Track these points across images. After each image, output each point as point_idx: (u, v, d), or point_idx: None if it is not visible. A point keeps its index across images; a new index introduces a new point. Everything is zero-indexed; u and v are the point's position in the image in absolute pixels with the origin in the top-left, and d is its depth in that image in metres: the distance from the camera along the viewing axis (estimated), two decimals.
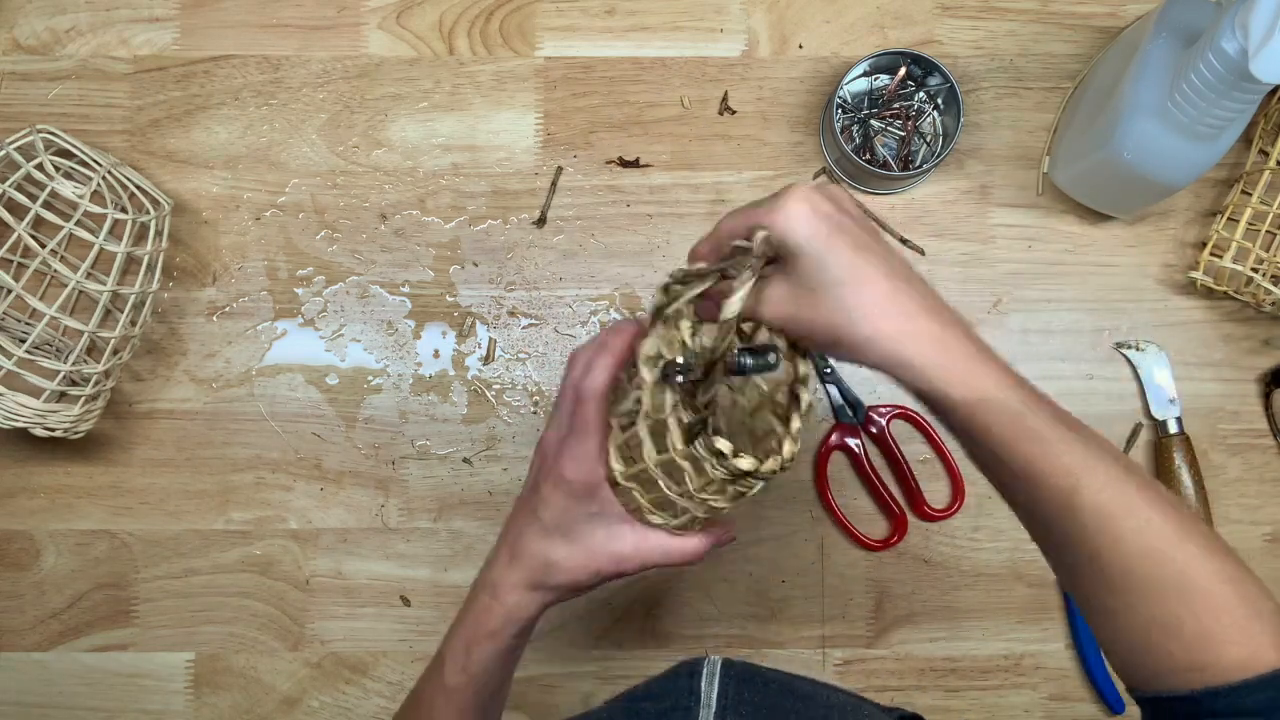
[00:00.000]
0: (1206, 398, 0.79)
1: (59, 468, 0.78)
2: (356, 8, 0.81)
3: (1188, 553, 0.44)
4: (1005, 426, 0.45)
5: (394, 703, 0.77)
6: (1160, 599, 0.44)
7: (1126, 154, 0.68)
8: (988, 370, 0.46)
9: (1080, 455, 0.45)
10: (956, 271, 0.79)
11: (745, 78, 0.80)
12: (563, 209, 0.80)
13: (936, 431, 0.78)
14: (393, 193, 0.80)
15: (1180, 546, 0.44)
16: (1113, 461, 0.45)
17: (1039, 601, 0.78)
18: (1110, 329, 0.79)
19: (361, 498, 0.78)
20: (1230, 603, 0.43)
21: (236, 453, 0.78)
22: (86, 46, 0.80)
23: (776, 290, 0.47)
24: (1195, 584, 0.44)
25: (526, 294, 0.79)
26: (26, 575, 0.78)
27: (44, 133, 0.70)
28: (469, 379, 0.79)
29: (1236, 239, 0.74)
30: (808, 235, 0.45)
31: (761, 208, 0.47)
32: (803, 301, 0.47)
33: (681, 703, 0.58)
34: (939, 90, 0.78)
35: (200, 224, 0.79)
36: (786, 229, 0.46)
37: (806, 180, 0.79)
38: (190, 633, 0.78)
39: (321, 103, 0.80)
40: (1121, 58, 0.72)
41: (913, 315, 0.46)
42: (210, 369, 0.79)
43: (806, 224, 0.46)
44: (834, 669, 0.78)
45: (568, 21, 0.81)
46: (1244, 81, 0.60)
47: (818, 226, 0.46)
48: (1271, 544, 0.78)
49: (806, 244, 0.46)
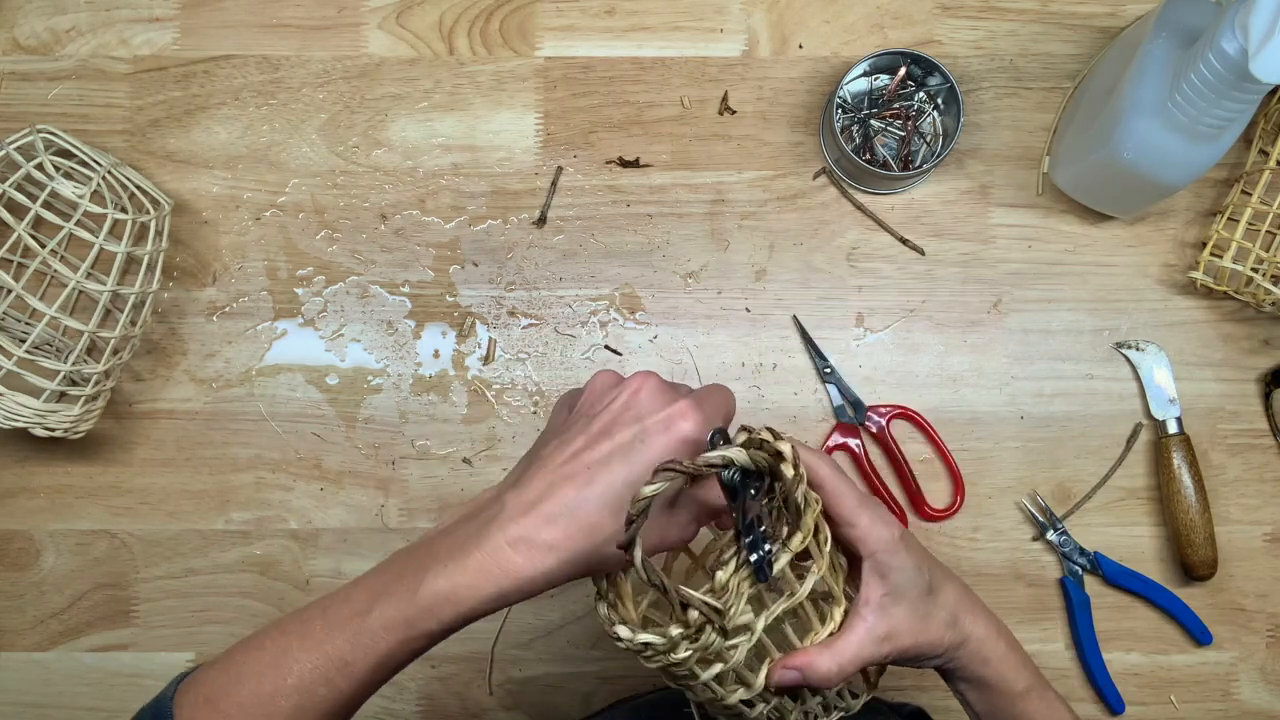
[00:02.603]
0: (1206, 398, 0.79)
1: (59, 468, 0.78)
2: (356, 8, 0.81)
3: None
4: (1040, 708, 0.56)
5: (394, 703, 0.77)
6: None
7: (1126, 154, 0.68)
8: (1027, 661, 0.56)
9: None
10: (956, 271, 0.79)
11: (745, 78, 0.80)
12: (563, 209, 0.80)
13: (936, 432, 0.78)
14: (393, 193, 0.80)
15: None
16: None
17: (1039, 601, 0.78)
18: (1110, 329, 0.79)
19: (361, 498, 0.78)
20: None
21: (236, 453, 0.78)
22: (86, 46, 0.80)
23: (892, 622, 0.52)
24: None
25: (526, 294, 0.79)
26: (26, 575, 0.78)
27: (44, 133, 0.70)
28: (469, 379, 0.79)
29: (1236, 239, 0.74)
30: (894, 544, 0.52)
31: (860, 514, 0.52)
32: (916, 616, 0.52)
33: None
34: (939, 90, 0.78)
35: (200, 224, 0.79)
36: (896, 545, 0.52)
37: (806, 177, 0.80)
38: (190, 633, 0.78)
39: (321, 103, 0.80)
40: (1121, 58, 0.72)
41: (982, 614, 0.55)
42: (210, 369, 0.79)
43: (890, 534, 0.52)
44: None
45: (568, 21, 0.81)
46: (1244, 81, 0.60)
47: (897, 535, 0.52)
48: (1271, 544, 0.78)
49: (893, 556, 0.51)
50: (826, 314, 0.79)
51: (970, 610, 0.54)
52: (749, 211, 0.79)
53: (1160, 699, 0.78)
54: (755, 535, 0.45)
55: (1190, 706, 0.78)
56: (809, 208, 0.80)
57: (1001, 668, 0.54)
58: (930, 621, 0.52)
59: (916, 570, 0.52)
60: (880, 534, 0.51)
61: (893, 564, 0.51)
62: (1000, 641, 0.55)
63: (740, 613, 0.46)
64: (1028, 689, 0.55)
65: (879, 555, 0.51)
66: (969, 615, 0.54)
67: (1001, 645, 0.55)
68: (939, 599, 0.53)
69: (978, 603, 0.56)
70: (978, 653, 0.54)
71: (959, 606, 0.54)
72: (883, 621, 0.51)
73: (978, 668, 0.54)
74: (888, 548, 0.51)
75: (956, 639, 0.53)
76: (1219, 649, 0.78)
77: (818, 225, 0.79)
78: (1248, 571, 0.78)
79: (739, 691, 0.50)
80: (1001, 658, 0.54)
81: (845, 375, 0.79)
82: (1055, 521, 0.77)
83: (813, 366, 0.79)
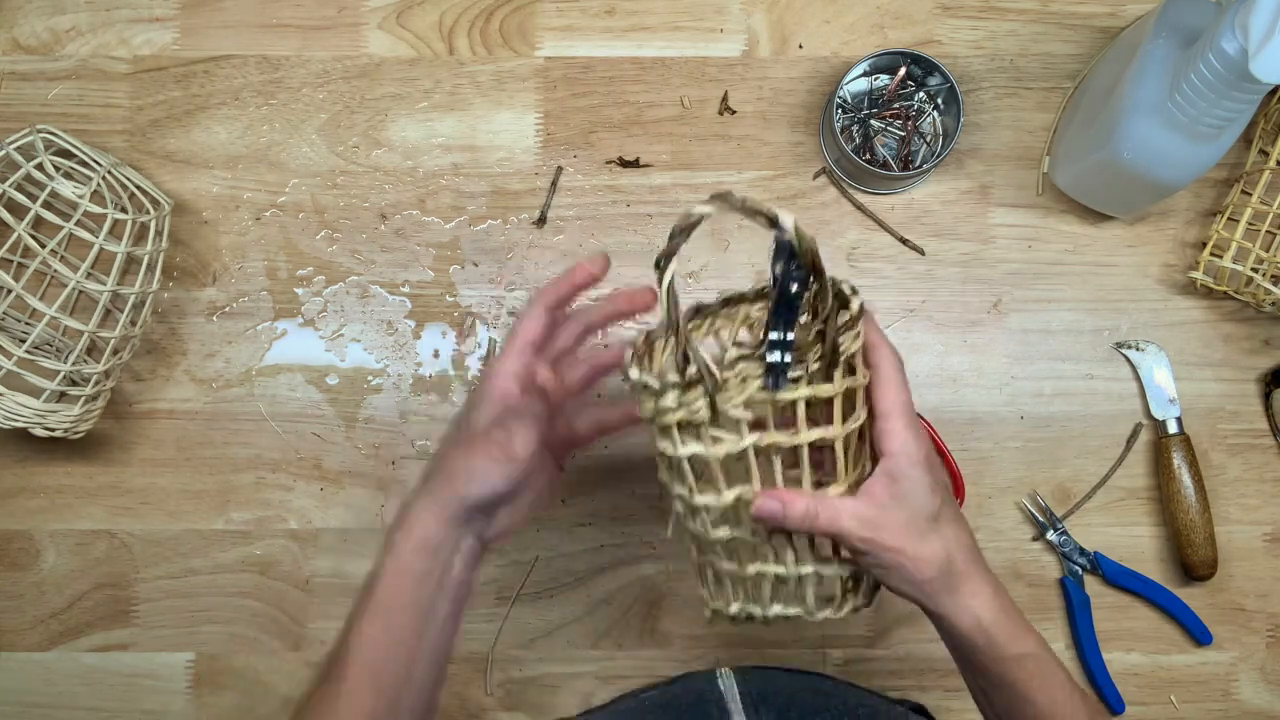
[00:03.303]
0: (1206, 398, 0.79)
1: (59, 468, 0.78)
2: (356, 8, 0.81)
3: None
4: (1035, 675, 0.52)
5: None
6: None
7: (1126, 154, 0.68)
8: (1025, 627, 0.53)
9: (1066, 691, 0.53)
10: (956, 271, 0.79)
11: (745, 78, 0.80)
12: (563, 209, 0.80)
13: (936, 432, 0.78)
14: (393, 193, 0.80)
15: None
16: (1082, 699, 0.54)
17: (1039, 601, 0.78)
18: (1110, 329, 0.79)
19: (361, 498, 0.78)
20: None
21: (236, 453, 0.78)
22: (86, 46, 0.80)
23: (891, 519, 0.50)
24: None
25: (526, 294, 0.79)
26: (26, 575, 0.78)
27: (44, 133, 0.70)
28: (469, 379, 0.79)
29: (1236, 239, 0.74)
30: (916, 458, 0.51)
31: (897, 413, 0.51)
32: (912, 532, 0.51)
33: (707, 700, 0.59)
34: (939, 90, 0.78)
35: (200, 224, 0.79)
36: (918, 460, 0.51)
37: (806, 177, 0.80)
38: (190, 633, 0.78)
39: (321, 103, 0.80)
40: (1121, 58, 0.72)
41: (979, 570, 0.53)
42: (210, 369, 0.79)
43: (916, 447, 0.51)
44: (834, 669, 0.78)
45: (568, 21, 0.81)
46: (1244, 81, 0.60)
47: (922, 454, 0.51)
48: (1271, 544, 0.78)
49: (911, 468, 0.50)
50: None
51: (969, 560, 0.52)
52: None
53: (1160, 699, 0.78)
54: (782, 333, 0.47)
55: (1190, 706, 0.78)
56: (809, 208, 0.80)
57: (992, 630, 0.52)
58: (923, 542, 0.51)
59: (929, 491, 0.51)
60: (908, 441, 0.50)
61: (910, 474, 0.50)
62: (995, 602, 0.52)
63: (737, 407, 0.48)
64: (1021, 655, 0.52)
65: (899, 459, 0.50)
66: (967, 564, 0.52)
67: (995, 606, 0.52)
68: (941, 530, 0.51)
69: (979, 559, 0.53)
70: (967, 606, 0.52)
71: (958, 548, 0.52)
72: (875, 510, 0.50)
73: (965, 621, 0.52)
74: (910, 457, 0.50)
75: (942, 577, 0.51)
76: (1219, 649, 0.78)
77: (818, 225, 0.79)
78: (1248, 571, 0.78)
79: (709, 494, 0.50)
80: (993, 620, 0.51)
81: None
82: (1055, 521, 0.77)
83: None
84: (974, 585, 0.52)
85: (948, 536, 0.51)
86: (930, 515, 0.51)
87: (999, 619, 0.51)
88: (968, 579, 0.52)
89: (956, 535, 0.52)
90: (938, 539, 0.51)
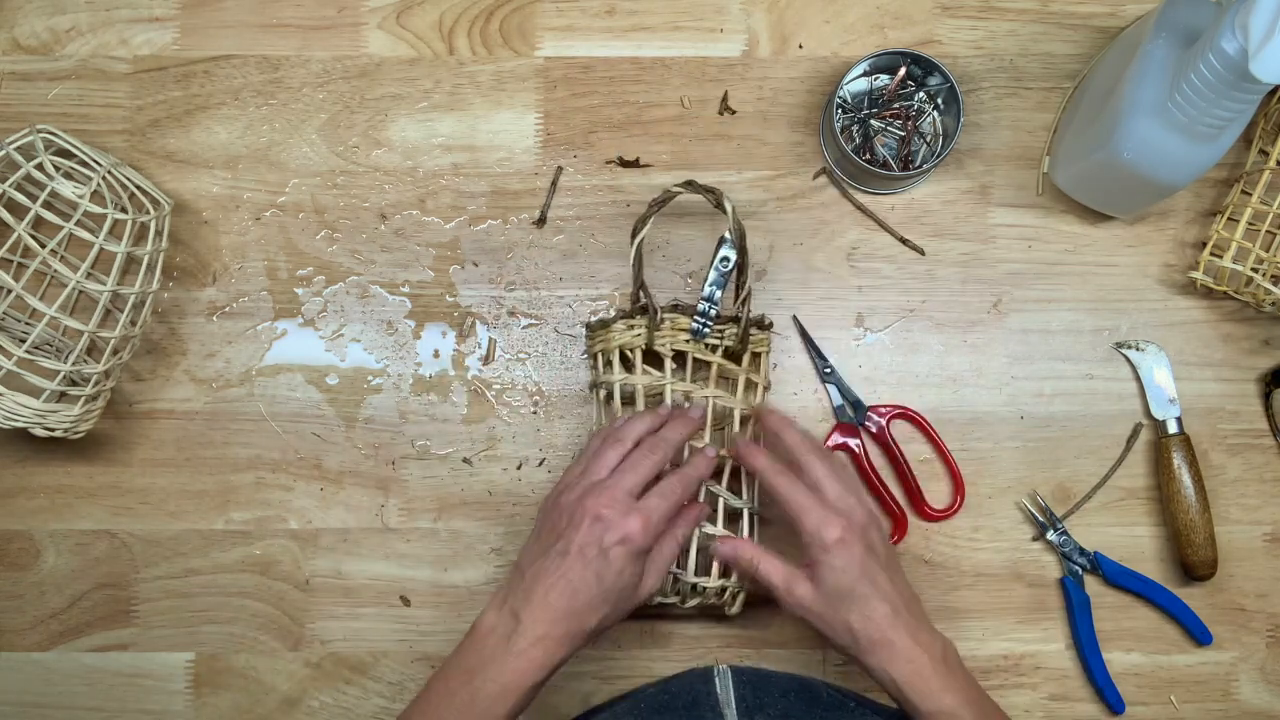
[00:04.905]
0: (1206, 398, 0.79)
1: (59, 468, 0.78)
2: (356, 8, 0.81)
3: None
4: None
5: (394, 703, 0.77)
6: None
7: (1126, 154, 0.68)
8: (954, 686, 0.59)
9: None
10: (956, 271, 0.79)
11: (745, 78, 0.80)
12: (563, 209, 0.80)
13: (936, 432, 0.78)
14: (393, 193, 0.80)
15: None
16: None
17: (1039, 601, 0.78)
18: (1110, 329, 0.79)
19: (361, 498, 0.78)
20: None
21: (236, 453, 0.78)
22: (86, 46, 0.80)
23: (805, 589, 0.62)
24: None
25: (526, 294, 0.79)
26: (26, 575, 0.78)
27: (44, 133, 0.70)
28: (469, 379, 0.79)
29: (1236, 239, 0.74)
30: (845, 562, 0.60)
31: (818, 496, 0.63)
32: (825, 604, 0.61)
33: (702, 704, 0.61)
34: (939, 90, 0.78)
35: (200, 224, 0.79)
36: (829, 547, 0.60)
37: (806, 177, 0.80)
38: (190, 633, 0.78)
39: (321, 103, 0.80)
40: (1121, 58, 0.72)
41: (906, 637, 0.59)
42: (210, 369, 0.79)
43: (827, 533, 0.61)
44: (834, 670, 0.78)
45: (568, 21, 0.81)
46: (1244, 81, 0.60)
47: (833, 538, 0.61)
48: (1271, 544, 0.78)
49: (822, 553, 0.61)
50: (826, 314, 0.79)
51: (888, 627, 0.59)
52: (749, 211, 0.79)
53: (1160, 699, 0.78)
54: (710, 291, 0.68)
55: (1190, 706, 0.78)
56: (809, 208, 0.80)
57: (905, 690, 0.58)
58: (835, 615, 0.60)
59: (843, 573, 0.60)
60: (819, 535, 0.60)
61: (821, 559, 0.60)
62: (909, 667, 0.58)
63: (664, 344, 0.70)
64: (935, 712, 0.58)
65: (812, 547, 0.61)
66: (883, 632, 0.59)
67: (909, 671, 0.58)
68: (855, 606, 0.59)
69: (904, 622, 0.60)
70: (880, 668, 0.59)
71: (871, 622, 0.59)
72: (799, 580, 0.62)
73: (880, 677, 0.60)
74: (821, 545, 0.60)
75: (854, 644, 0.60)
76: (1219, 649, 0.78)
77: (818, 225, 0.79)
78: (1248, 571, 0.78)
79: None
80: (906, 681, 0.58)
81: (845, 375, 0.79)
82: (1055, 521, 0.77)
83: (813, 366, 0.79)
84: (888, 652, 0.59)
85: (861, 612, 0.60)
86: (846, 596, 0.60)
87: (913, 681, 0.58)
88: (882, 646, 0.59)
89: (873, 609, 0.59)
90: (850, 613, 0.60)
